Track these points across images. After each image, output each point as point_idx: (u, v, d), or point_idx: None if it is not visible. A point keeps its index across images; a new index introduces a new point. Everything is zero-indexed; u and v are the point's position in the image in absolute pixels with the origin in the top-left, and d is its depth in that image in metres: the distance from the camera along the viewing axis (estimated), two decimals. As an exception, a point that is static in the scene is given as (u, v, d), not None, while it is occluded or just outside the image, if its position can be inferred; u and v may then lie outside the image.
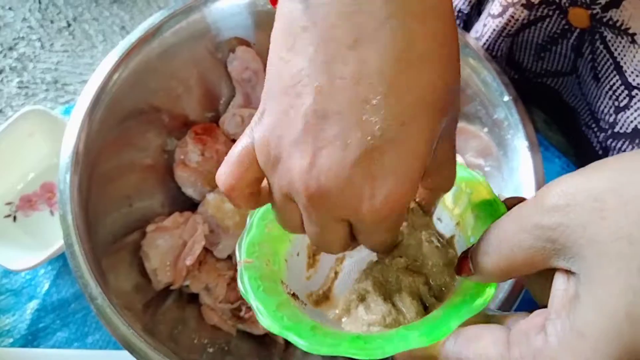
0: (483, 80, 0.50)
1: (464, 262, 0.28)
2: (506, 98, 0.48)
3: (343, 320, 0.34)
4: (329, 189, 0.24)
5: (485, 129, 0.51)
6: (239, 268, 0.33)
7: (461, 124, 0.54)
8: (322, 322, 0.32)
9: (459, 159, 0.54)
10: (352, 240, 0.29)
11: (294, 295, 0.35)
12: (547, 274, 0.24)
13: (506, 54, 0.57)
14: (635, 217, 0.20)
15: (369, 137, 0.24)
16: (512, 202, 0.32)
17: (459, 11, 0.59)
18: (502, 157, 0.49)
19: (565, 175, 0.23)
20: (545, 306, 0.24)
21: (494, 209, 0.32)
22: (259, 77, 0.56)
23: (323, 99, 0.24)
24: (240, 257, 0.33)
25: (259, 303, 0.31)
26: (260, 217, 0.35)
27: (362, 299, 0.34)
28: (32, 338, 0.58)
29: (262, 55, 0.55)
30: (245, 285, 0.32)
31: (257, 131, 0.27)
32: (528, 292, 0.30)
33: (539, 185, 0.45)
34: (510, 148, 0.48)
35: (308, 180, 0.25)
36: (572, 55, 0.53)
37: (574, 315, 0.22)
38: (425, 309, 0.33)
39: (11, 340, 0.58)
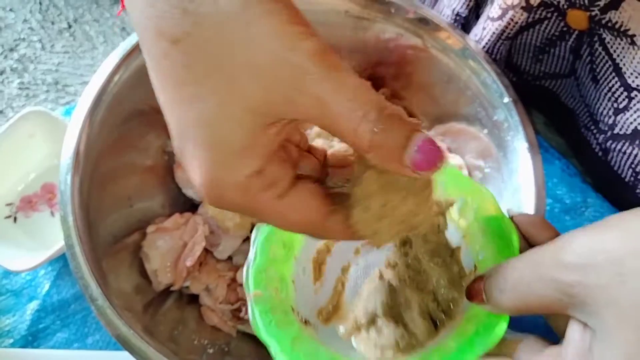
0: (483, 82, 0.50)
1: (477, 290, 0.29)
2: (506, 100, 0.48)
3: (353, 338, 0.34)
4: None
5: (485, 131, 0.51)
6: (248, 302, 0.33)
7: (461, 125, 0.54)
8: (336, 349, 0.32)
9: (457, 160, 0.54)
10: None
11: (305, 322, 0.35)
12: None
13: (505, 57, 0.57)
14: None
15: (176, 143, 0.26)
16: (520, 220, 0.33)
17: (457, 14, 0.59)
18: (502, 159, 0.49)
19: (583, 229, 0.24)
20: (558, 336, 0.25)
21: (501, 227, 0.33)
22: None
23: None
24: (249, 289, 0.33)
25: (274, 341, 0.31)
26: (262, 241, 0.35)
27: (372, 321, 0.34)
28: (32, 339, 0.58)
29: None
30: (257, 322, 0.32)
31: None
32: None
33: (539, 187, 0.45)
34: (510, 149, 0.48)
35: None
36: (571, 57, 0.53)
37: None
38: (435, 326, 0.33)
39: (11, 340, 0.58)
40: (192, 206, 0.56)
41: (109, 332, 0.42)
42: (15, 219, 0.63)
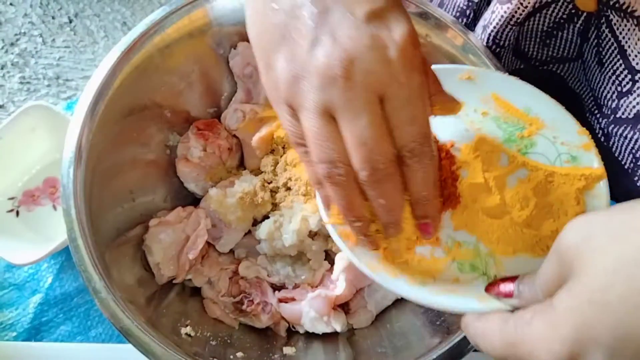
0: (483, 76, 0.50)
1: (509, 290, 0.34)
2: (506, 94, 0.48)
3: None
4: (356, 51, 0.29)
5: (486, 125, 0.51)
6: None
7: (461, 120, 0.54)
8: None
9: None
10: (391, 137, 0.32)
11: None
12: None
13: (512, 44, 0.56)
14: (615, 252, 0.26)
15: (369, 4, 0.30)
16: None
17: (469, 0, 0.58)
18: (502, 153, 0.49)
19: (571, 222, 0.29)
20: None
21: None
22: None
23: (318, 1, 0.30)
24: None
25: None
26: None
27: None
28: (35, 332, 0.59)
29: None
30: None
31: (268, 78, 0.33)
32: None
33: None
34: (510, 143, 0.48)
35: (336, 57, 0.29)
36: (578, 40, 0.53)
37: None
38: None
39: (14, 334, 0.59)
40: (194, 200, 0.56)
41: (113, 325, 0.42)
42: (17, 212, 0.64)
